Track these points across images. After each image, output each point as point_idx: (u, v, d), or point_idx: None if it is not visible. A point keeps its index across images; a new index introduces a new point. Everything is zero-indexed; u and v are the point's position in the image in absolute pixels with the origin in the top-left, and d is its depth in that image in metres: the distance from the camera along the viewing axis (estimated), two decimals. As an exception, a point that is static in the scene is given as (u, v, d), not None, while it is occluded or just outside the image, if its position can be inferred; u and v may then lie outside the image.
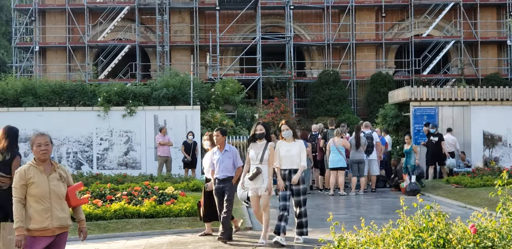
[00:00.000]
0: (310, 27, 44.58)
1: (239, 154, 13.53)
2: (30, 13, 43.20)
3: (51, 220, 7.43)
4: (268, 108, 35.99)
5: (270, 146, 12.55)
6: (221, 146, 13.19)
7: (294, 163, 12.65)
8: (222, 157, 13.05)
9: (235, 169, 13.13)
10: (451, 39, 42.81)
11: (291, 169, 12.68)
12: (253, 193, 12.59)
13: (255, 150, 12.60)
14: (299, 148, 12.70)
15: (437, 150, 24.14)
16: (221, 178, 13.02)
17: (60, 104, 27.53)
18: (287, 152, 12.67)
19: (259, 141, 12.63)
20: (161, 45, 42.31)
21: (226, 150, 13.12)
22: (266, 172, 12.45)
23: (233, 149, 13.31)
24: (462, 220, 7.67)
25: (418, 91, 27.07)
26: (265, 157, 12.46)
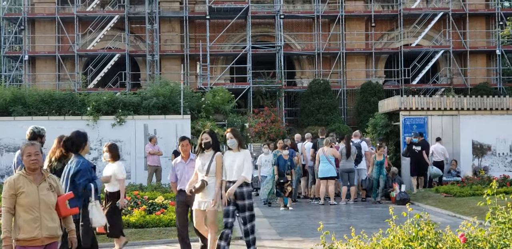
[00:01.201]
0: (300, 36, 44.67)
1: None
2: (20, 22, 43.12)
3: (40, 230, 7.39)
4: (259, 117, 36.03)
5: (217, 156, 11.57)
6: (186, 155, 12.35)
7: (240, 174, 11.60)
8: (187, 167, 12.17)
9: None
10: (440, 48, 42.95)
11: (233, 182, 11.67)
12: (196, 206, 11.52)
13: (202, 160, 11.59)
14: (243, 158, 11.65)
15: (419, 160, 24.08)
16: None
17: (50, 114, 27.45)
18: (232, 163, 11.66)
19: (207, 151, 11.60)
20: (151, 54, 42.29)
21: (191, 160, 12.22)
22: (213, 185, 11.47)
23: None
24: (452, 229, 7.67)
25: (408, 100, 27.11)
26: (212, 168, 11.49)
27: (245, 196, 11.57)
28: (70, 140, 9.73)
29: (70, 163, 9.61)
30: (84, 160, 9.61)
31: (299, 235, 14.97)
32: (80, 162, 9.47)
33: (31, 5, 44.14)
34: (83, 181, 9.30)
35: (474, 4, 44.00)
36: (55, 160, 10.22)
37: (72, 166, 9.46)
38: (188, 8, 43.13)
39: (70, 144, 9.72)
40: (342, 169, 22.70)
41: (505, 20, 44.75)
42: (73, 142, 9.74)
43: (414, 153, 24.14)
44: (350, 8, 43.74)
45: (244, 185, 11.56)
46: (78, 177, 9.32)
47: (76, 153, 9.67)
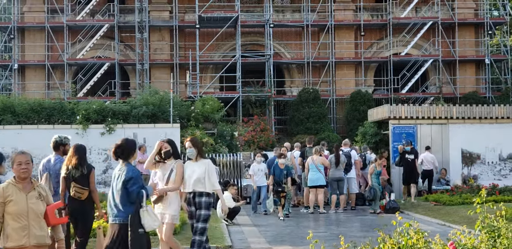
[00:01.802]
0: (289, 45, 44.72)
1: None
2: (9, 31, 43.01)
3: (28, 238, 7.38)
4: (248, 126, 36.01)
5: (178, 165, 11.17)
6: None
7: (200, 185, 11.26)
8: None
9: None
10: (430, 57, 43.06)
11: (195, 192, 11.34)
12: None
13: (163, 171, 11.17)
14: (204, 169, 11.28)
15: (412, 169, 24.05)
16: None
17: (39, 122, 27.41)
18: (192, 173, 11.32)
19: (168, 161, 11.20)
20: (141, 63, 42.25)
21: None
22: (173, 196, 11.01)
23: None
24: (441, 237, 7.69)
25: (397, 109, 27.20)
26: (172, 178, 11.04)
27: (202, 206, 11.23)
28: (121, 148, 9.77)
29: (119, 170, 9.68)
30: (134, 168, 9.78)
31: (288, 244, 14.97)
32: (131, 170, 9.60)
33: (21, 14, 44.06)
34: (136, 188, 9.40)
35: (463, 13, 44.16)
36: (73, 168, 10.90)
37: (122, 174, 9.55)
38: (178, 17, 43.12)
39: (121, 152, 9.74)
40: (332, 177, 22.71)
41: (494, 29, 44.90)
42: (123, 149, 9.77)
43: (407, 162, 24.06)
44: (339, 17, 43.83)
45: (204, 195, 11.25)
46: (130, 184, 9.42)
47: (125, 161, 9.74)
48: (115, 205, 9.51)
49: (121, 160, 9.72)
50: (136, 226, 9.23)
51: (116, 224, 9.46)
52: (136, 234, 9.22)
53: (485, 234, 7.44)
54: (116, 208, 9.49)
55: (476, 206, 7.78)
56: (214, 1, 42.42)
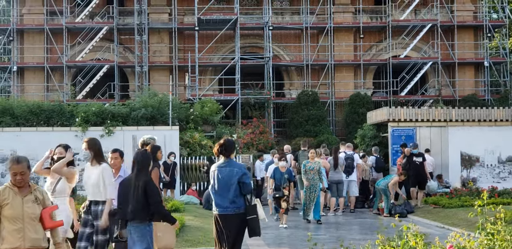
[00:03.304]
0: (289, 47, 44.74)
1: None
2: (8, 33, 43.03)
3: (23, 241, 7.41)
4: (247, 128, 36.00)
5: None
6: (116, 170, 11.18)
7: (96, 193, 10.49)
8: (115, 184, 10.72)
9: None
10: (429, 60, 43.07)
11: (92, 201, 10.55)
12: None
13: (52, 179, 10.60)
14: (99, 175, 10.47)
15: (420, 172, 23.39)
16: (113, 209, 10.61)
17: (38, 125, 27.41)
18: (88, 179, 10.63)
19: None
20: (140, 65, 42.25)
21: (120, 176, 11.02)
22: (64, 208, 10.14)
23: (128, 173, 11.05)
24: (441, 240, 7.68)
25: (396, 112, 27.19)
26: (58, 187, 10.44)
27: (98, 216, 10.40)
28: (223, 146, 10.35)
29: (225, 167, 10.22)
30: (240, 164, 10.68)
31: (287, 246, 14.96)
32: (242, 165, 10.47)
33: (20, 16, 44.07)
34: (248, 181, 10.16)
35: (462, 16, 44.19)
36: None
37: (232, 169, 10.15)
38: (177, 20, 43.14)
39: (224, 149, 10.32)
40: (331, 180, 22.69)
41: (493, 32, 44.92)
42: (226, 147, 10.33)
43: (416, 165, 23.38)
44: (338, 19, 43.86)
45: (101, 204, 10.46)
46: (245, 178, 10.11)
47: (227, 157, 10.34)
48: (226, 197, 10.06)
49: (223, 156, 10.32)
50: (252, 214, 10.01)
51: (228, 214, 10.00)
52: (253, 221, 9.98)
53: (484, 237, 7.44)
54: (228, 200, 10.03)
55: (477, 209, 7.77)
56: (213, 4, 42.47)
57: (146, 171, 9.78)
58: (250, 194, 10.15)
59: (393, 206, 21.80)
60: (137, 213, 9.39)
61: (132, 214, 9.41)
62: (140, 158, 9.83)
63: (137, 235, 9.44)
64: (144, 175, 9.68)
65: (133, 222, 9.46)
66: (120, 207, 9.70)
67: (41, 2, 43.36)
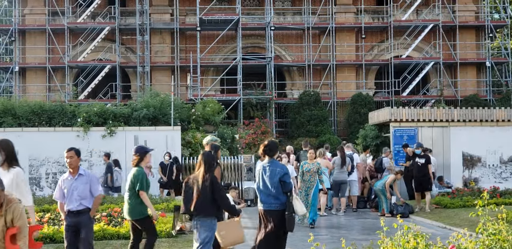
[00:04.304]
0: (290, 48, 44.74)
1: (98, 179, 11.06)
2: (10, 33, 43.07)
3: None
4: (249, 128, 36.00)
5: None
6: (74, 169, 10.59)
7: None
8: (75, 183, 10.50)
9: (93, 198, 10.60)
10: (430, 60, 43.05)
11: None
12: None
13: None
14: (12, 179, 9.57)
15: (423, 174, 22.15)
16: (75, 210, 10.44)
17: (40, 125, 27.39)
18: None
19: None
20: (142, 66, 42.27)
21: (80, 174, 10.59)
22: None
23: (89, 173, 10.82)
24: (442, 240, 7.68)
25: (398, 112, 27.14)
26: None
27: None
28: (268, 147, 11.42)
29: (269, 166, 11.24)
30: (282, 164, 11.64)
31: (289, 246, 14.92)
32: (283, 166, 11.39)
33: (21, 16, 44.09)
34: (289, 181, 11.08)
35: (464, 16, 44.18)
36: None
37: (274, 169, 11.14)
38: (178, 20, 43.16)
39: (268, 150, 11.39)
40: (335, 180, 22.59)
41: (495, 32, 44.90)
42: (270, 148, 11.40)
43: (418, 166, 22.29)
44: (340, 19, 43.86)
45: None
46: (286, 177, 11.05)
47: (271, 157, 11.37)
48: (269, 194, 11.05)
49: (267, 157, 11.32)
50: (291, 211, 10.86)
51: (272, 210, 10.96)
52: (291, 217, 10.82)
53: (486, 237, 7.43)
54: (271, 197, 11.00)
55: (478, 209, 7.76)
56: (215, 4, 42.49)
57: (211, 170, 10.43)
58: (290, 192, 10.96)
59: (395, 206, 21.76)
60: (203, 208, 10.14)
61: (199, 209, 10.15)
62: (206, 158, 10.47)
63: (204, 229, 10.20)
64: (210, 173, 10.35)
65: (199, 216, 10.20)
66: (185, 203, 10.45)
67: (43, 3, 43.40)
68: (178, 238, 14.80)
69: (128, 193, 11.53)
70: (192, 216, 10.36)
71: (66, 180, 10.58)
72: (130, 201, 11.48)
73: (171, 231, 13.73)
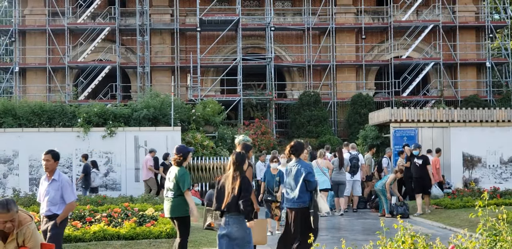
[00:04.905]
0: (290, 48, 44.75)
1: (72, 185, 10.73)
2: (10, 33, 43.08)
3: None
4: (249, 129, 35.99)
5: None
6: (50, 173, 10.42)
7: None
8: (48, 188, 10.34)
9: (65, 204, 10.39)
10: (431, 61, 43.06)
11: None
12: None
13: None
14: None
15: (421, 176, 21.66)
16: (44, 215, 10.39)
17: (40, 125, 27.38)
18: None
19: None
20: (142, 66, 42.28)
21: (54, 180, 10.35)
22: None
23: (63, 178, 10.48)
24: (442, 241, 7.67)
25: (398, 112, 27.16)
26: None
27: None
28: (294, 147, 12.04)
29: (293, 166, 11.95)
30: (307, 163, 12.23)
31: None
32: (308, 165, 12.01)
33: (21, 17, 44.10)
34: (314, 180, 11.74)
35: (464, 16, 44.19)
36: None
37: (301, 168, 11.79)
38: (179, 20, 43.17)
39: (294, 150, 12.01)
40: (334, 181, 22.65)
41: (495, 33, 44.90)
42: (296, 149, 12.01)
43: (416, 167, 21.81)
44: (340, 20, 43.86)
45: None
46: (310, 176, 11.67)
47: (297, 157, 12.00)
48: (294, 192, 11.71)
49: (294, 157, 11.97)
50: (315, 208, 11.55)
51: (297, 208, 11.68)
52: (316, 215, 11.54)
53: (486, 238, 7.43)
54: (296, 195, 11.68)
55: (478, 209, 7.76)
56: (215, 4, 42.49)
57: (242, 169, 10.59)
58: (314, 191, 11.63)
59: (395, 207, 21.76)
60: (234, 206, 10.35)
61: (229, 206, 10.39)
62: (238, 158, 10.64)
63: (236, 226, 10.38)
64: (241, 172, 10.54)
65: (230, 213, 10.40)
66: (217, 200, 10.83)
67: (43, 3, 43.42)
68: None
69: (172, 192, 11.63)
70: (223, 213, 10.62)
71: (43, 183, 10.48)
72: (174, 199, 11.62)
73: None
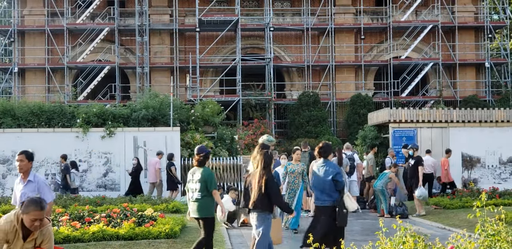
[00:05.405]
0: (289, 48, 44.75)
1: (48, 185, 10.25)
2: (9, 34, 43.07)
3: None
4: (248, 129, 36.00)
5: None
6: (24, 174, 10.03)
7: None
8: (24, 189, 9.93)
9: None
10: (430, 61, 43.08)
11: None
12: None
13: None
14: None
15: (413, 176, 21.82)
16: None
17: (39, 126, 27.38)
18: None
19: None
20: (141, 67, 42.27)
21: (29, 181, 9.97)
22: None
23: (39, 179, 10.09)
24: (441, 241, 7.67)
25: (397, 112, 27.16)
26: None
27: None
28: (322, 149, 12.41)
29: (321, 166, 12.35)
30: (335, 164, 12.65)
31: (288, 247, 14.94)
32: (336, 166, 12.47)
33: (21, 17, 44.10)
34: (342, 180, 12.16)
35: (463, 17, 44.20)
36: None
37: (328, 169, 12.19)
38: (178, 21, 43.17)
39: (323, 152, 12.37)
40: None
41: (494, 33, 44.92)
42: (325, 150, 12.39)
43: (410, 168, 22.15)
44: (339, 20, 43.87)
45: None
46: (339, 176, 12.07)
47: (325, 159, 12.37)
48: (323, 192, 12.12)
49: (322, 158, 12.36)
50: (342, 207, 11.93)
51: (325, 206, 12.08)
52: (343, 213, 11.92)
53: (485, 238, 7.43)
54: (325, 195, 12.08)
55: (477, 210, 7.76)
56: (214, 5, 42.49)
57: (269, 168, 11.13)
58: (342, 190, 12.09)
59: (394, 207, 21.75)
60: (259, 203, 10.89)
61: (255, 203, 10.92)
62: (265, 157, 11.07)
63: (259, 221, 10.98)
64: (268, 171, 11.05)
65: (256, 210, 10.96)
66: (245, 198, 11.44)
67: (42, 3, 43.41)
68: (178, 238, 14.80)
69: (199, 193, 11.77)
70: (250, 210, 11.13)
71: (18, 185, 10.11)
72: (201, 200, 11.79)
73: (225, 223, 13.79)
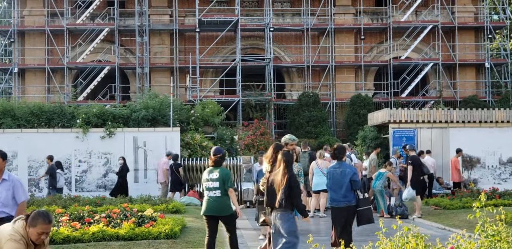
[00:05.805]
0: (289, 49, 44.75)
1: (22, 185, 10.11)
2: (9, 34, 43.07)
3: None
4: (248, 130, 36.00)
5: None
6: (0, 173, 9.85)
7: None
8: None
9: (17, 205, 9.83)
10: (430, 61, 43.09)
11: None
12: None
13: None
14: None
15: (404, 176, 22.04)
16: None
17: (39, 126, 27.36)
18: None
19: None
20: (141, 67, 42.27)
21: (4, 180, 9.77)
22: None
23: (14, 178, 9.94)
24: (441, 242, 7.67)
25: (397, 113, 27.15)
26: None
27: None
28: (337, 150, 12.61)
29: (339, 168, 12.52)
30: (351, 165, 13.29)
31: None
32: (351, 167, 12.82)
33: (21, 17, 44.11)
34: (358, 180, 12.51)
35: (463, 17, 44.21)
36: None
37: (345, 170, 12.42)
38: (178, 21, 43.18)
39: (338, 153, 12.59)
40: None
41: (494, 33, 44.92)
42: (339, 152, 12.59)
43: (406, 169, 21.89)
44: (339, 21, 43.87)
45: None
46: (355, 177, 12.40)
47: (340, 160, 12.60)
48: (339, 193, 12.46)
49: (337, 159, 12.61)
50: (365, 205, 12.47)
51: (342, 207, 12.52)
52: (367, 211, 12.53)
53: (485, 238, 7.43)
54: (341, 195, 12.43)
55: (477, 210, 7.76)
56: (214, 5, 42.49)
57: (290, 168, 11.10)
58: (359, 190, 12.47)
59: (394, 207, 21.73)
60: (282, 203, 10.90)
61: (278, 203, 10.92)
62: (286, 157, 11.05)
63: (282, 221, 11.02)
64: (289, 171, 11.02)
65: (278, 209, 10.96)
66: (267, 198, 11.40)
67: (42, 4, 43.41)
68: (178, 239, 14.79)
69: (219, 191, 12.10)
70: (273, 209, 11.14)
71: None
72: (221, 199, 12.13)
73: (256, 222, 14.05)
